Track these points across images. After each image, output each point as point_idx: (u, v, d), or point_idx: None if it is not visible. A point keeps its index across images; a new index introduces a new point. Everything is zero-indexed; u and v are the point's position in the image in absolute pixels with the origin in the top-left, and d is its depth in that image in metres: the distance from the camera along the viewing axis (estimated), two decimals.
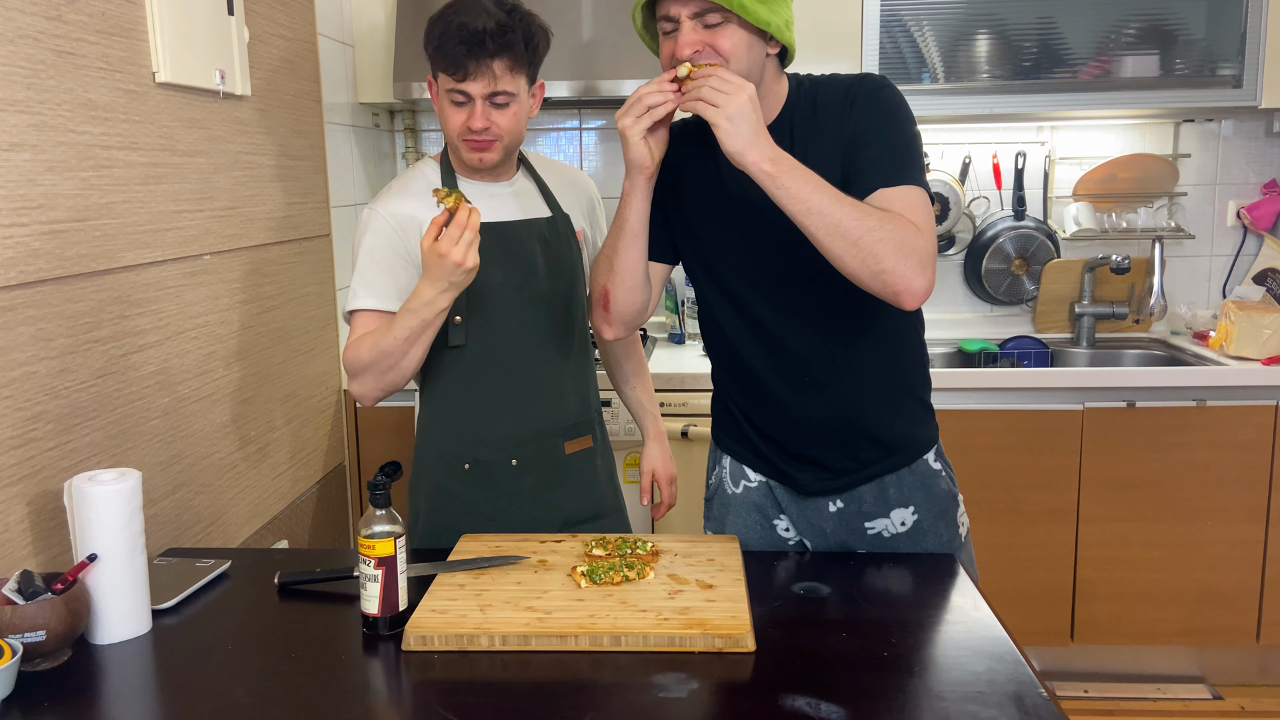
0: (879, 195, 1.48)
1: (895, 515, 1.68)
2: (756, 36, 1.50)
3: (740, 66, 1.48)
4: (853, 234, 1.41)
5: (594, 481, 1.87)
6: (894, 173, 1.50)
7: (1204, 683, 2.88)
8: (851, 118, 1.53)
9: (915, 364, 1.70)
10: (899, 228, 1.43)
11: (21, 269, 1.48)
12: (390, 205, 1.73)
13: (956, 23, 2.89)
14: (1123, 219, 3.23)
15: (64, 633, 1.27)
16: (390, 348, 1.61)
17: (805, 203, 1.40)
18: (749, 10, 1.45)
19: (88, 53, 1.63)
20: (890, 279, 1.43)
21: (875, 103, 1.54)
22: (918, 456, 1.68)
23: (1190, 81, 2.88)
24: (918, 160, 1.54)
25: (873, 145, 1.52)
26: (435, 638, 1.30)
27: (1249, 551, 2.76)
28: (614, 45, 2.79)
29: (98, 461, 1.65)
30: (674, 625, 1.31)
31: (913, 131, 1.55)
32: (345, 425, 2.76)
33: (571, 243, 1.82)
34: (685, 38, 1.47)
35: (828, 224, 1.40)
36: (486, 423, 1.77)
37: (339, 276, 2.70)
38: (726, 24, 1.47)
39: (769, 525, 1.75)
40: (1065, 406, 2.71)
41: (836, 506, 1.69)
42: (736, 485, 1.77)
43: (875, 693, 1.19)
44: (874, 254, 1.41)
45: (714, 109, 1.38)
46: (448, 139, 1.73)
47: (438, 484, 1.79)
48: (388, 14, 2.89)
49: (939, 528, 1.70)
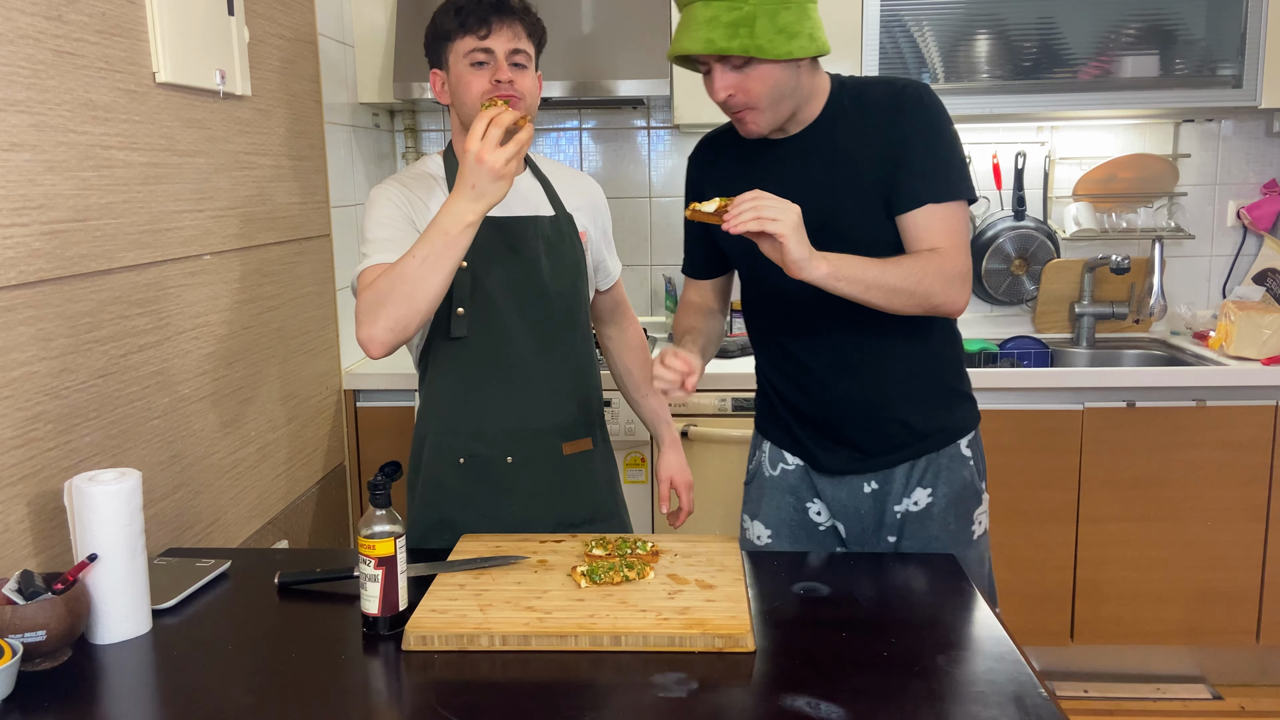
0: (925, 211, 1.61)
1: (915, 494, 1.75)
2: (784, 65, 1.58)
3: (771, 99, 1.59)
4: (905, 289, 1.56)
5: (592, 484, 1.85)
6: (940, 188, 1.61)
7: (1204, 683, 2.88)
8: (899, 125, 1.62)
9: (948, 352, 1.78)
10: (940, 262, 1.58)
11: (22, 269, 1.48)
12: (394, 183, 1.74)
13: (956, 23, 2.89)
14: (1123, 219, 3.23)
15: (64, 633, 1.27)
16: (408, 270, 1.49)
17: (863, 283, 1.53)
18: (766, 50, 1.53)
19: (88, 53, 1.63)
20: (939, 307, 1.60)
21: (923, 114, 1.63)
22: (950, 442, 1.75)
23: (1190, 81, 2.88)
24: (961, 170, 1.65)
25: (920, 160, 1.61)
26: (435, 638, 1.31)
27: (1249, 551, 2.76)
28: (614, 45, 2.79)
29: (98, 461, 1.65)
30: (674, 625, 1.31)
31: (956, 142, 1.65)
32: (345, 425, 2.76)
33: (575, 243, 1.81)
34: (719, 82, 1.60)
35: (885, 293, 1.55)
36: (483, 417, 1.76)
37: (339, 276, 2.70)
38: (752, 64, 1.56)
39: (802, 509, 1.82)
40: (1065, 406, 2.71)
41: (871, 488, 1.77)
42: (774, 468, 1.85)
43: (875, 693, 1.19)
44: (925, 295, 1.58)
45: (775, 223, 1.45)
46: (467, 110, 1.69)
47: (433, 477, 1.79)
48: (388, 14, 2.89)
49: (949, 515, 1.74)
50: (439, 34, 1.72)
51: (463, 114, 1.72)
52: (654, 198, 3.34)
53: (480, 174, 1.45)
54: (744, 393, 2.71)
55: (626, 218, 3.35)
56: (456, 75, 1.70)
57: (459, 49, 1.69)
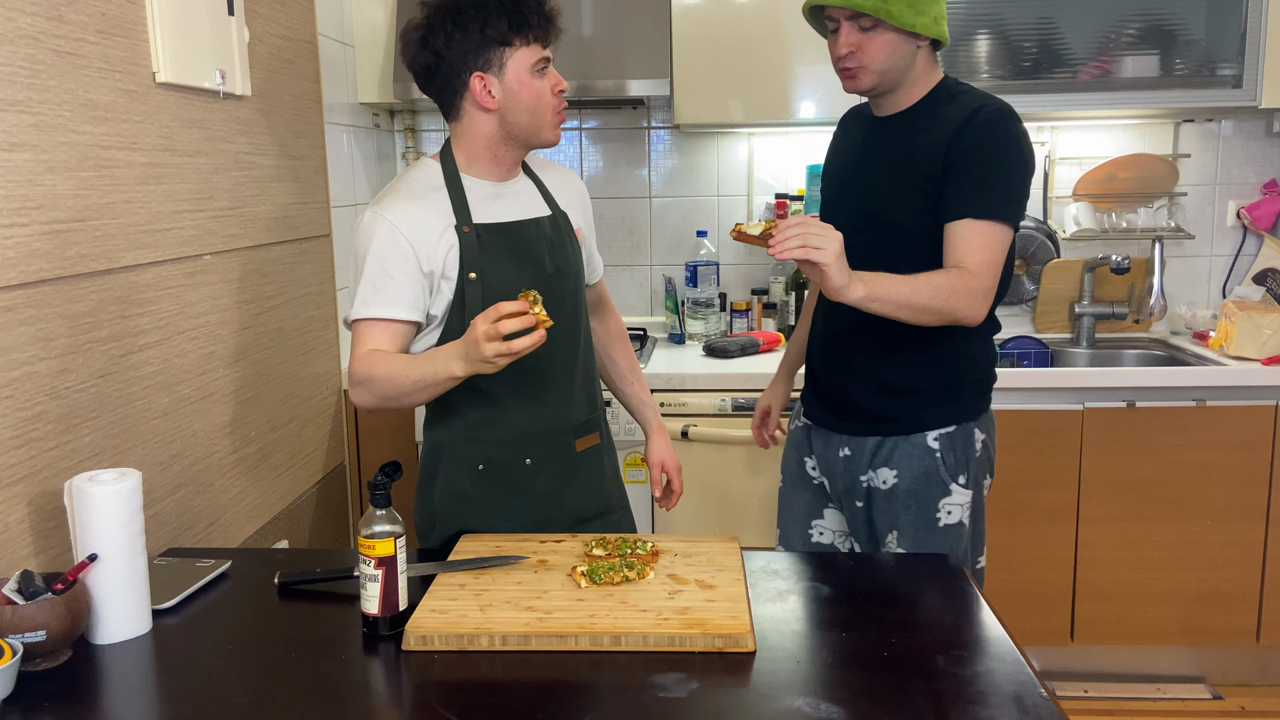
0: (964, 225, 1.72)
1: (881, 473, 1.90)
2: (906, 36, 1.75)
3: (884, 65, 1.77)
4: (933, 308, 1.67)
5: (601, 479, 1.86)
6: (980, 206, 1.72)
7: (1204, 683, 2.88)
8: (961, 138, 1.74)
9: (963, 349, 1.87)
10: (966, 279, 1.69)
11: (22, 269, 1.48)
12: (398, 209, 1.65)
13: (956, 23, 2.89)
14: (1123, 219, 3.23)
15: (64, 633, 1.27)
16: (402, 383, 1.58)
17: (894, 304, 1.65)
18: (895, 16, 1.71)
19: (88, 53, 1.63)
20: (961, 321, 1.71)
21: (986, 134, 1.73)
22: (915, 431, 1.87)
23: (1190, 81, 2.88)
24: (1009, 195, 1.74)
25: (968, 175, 1.73)
26: (435, 638, 1.31)
27: (1249, 551, 2.76)
28: (614, 45, 2.80)
29: (98, 461, 1.65)
30: (674, 625, 1.31)
31: (1013, 169, 1.75)
32: (345, 425, 2.76)
33: (572, 240, 1.81)
34: (843, 39, 1.77)
35: (913, 311, 1.66)
36: (502, 423, 1.74)
37: (339, 276, 2.70)
38: (878, 28, 1.74)
39: (801, 463, 2.07)
40: (1065, 406, 2.71)
41: (845, 453, 1.95)
42: (795, 422, 2.11)
43: (875, 693, 1.20)
44: (951, 311, 1.69)
45: (819, 251, 1.55)
46: (534, 117, 1.68)
47: (453, 487, 1.76)
48: (388, 14, 2.89)
49: (910, 500, 1.88)
50: (493, 36, 1.63)
51: (523, 120, 1.68)
52: (654, 198, 3.34)
53: (475, 350, 1.47)
54: (744, 393, 2.71)
55: (626, 218, 3.35)
56: (522, 84, 1.65)
57: (524, 58, 1.65)
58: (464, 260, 1.66)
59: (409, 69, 1.72)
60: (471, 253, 1.67)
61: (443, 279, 1.66)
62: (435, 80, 1.68)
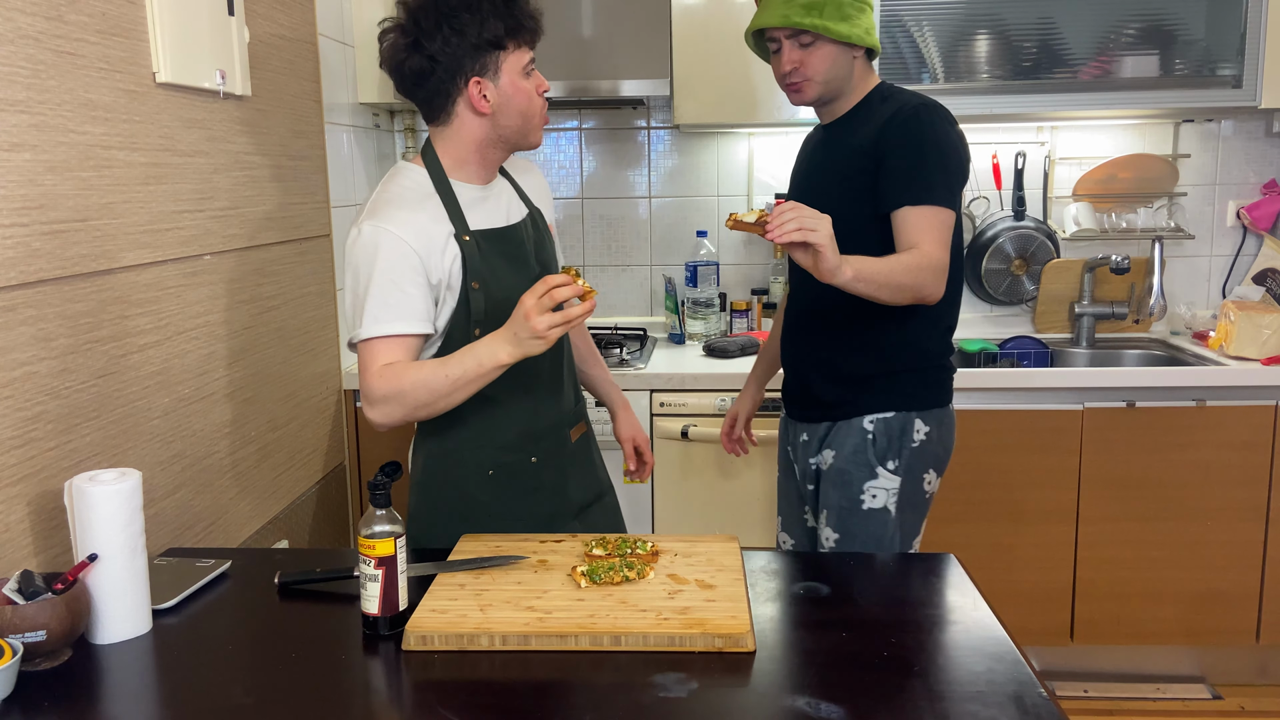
0: (903, 213, 1.84)
1: (825, 454, 2.02)
2: (843, 48, 1.91)
3: (826, 76, 1.92)
4: (907, 284, 1.77)
5: (592, 465, 1.92)
6: (914, 193, 1.83)
7: (1204, 683, 2.88)
8: (886, 133, 1.87)
9: (901, 341, 1.96)
10: (924, 258, 1.79)
11: (22, 269, 1.48)
12: (400, 220, 1.61)
13: (956, 23, 2.89)
14: (1123, 219, 3.23)
15: (64, 633, 1.27)
16: (438, 385, 1.55)
17: (876, 283, 1.73)
18: (832, 30, 1.87)
19: (88, 53, 1.63)
20: (926, 296, 1.81)
21: (910, 126, 1.86)
22: (856, 415, 1.97)
23: (1190, 81, 2.88)
24: (941, 180, 1.85)
25: (896, 165, 1.85)
26: (435, 638, 1.31)
27: (1249, 551, 2.76)
28: (614, 45, 2.80)
29: (98, 461, 1.65)
30: (674, 625, 1.31)
31: (942, 156, 1.86)
32: (345, 425, 2.76)
33: (548, 236, 1.86)
34: (787, 57, 1.92)
35: (891, 290, 1.75)
36: (508, 426, 1.75)
37: (339, 277, 2.69)
38: (817, 43, 1.90)
39: (786, 449, 2.20)
40: (1065, 406, 2.71)
41: (803, 439, 2.08)
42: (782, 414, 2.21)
43: (875, 693, 1.20)
44: (919, 287, 1.79)
45: (814, 233, 1.61)
46: (525, 121, 1.68)
47: (464, 492, 1.75)
48: (388, 14, 2.88)
49: (838, 480, 1.98)
50: (488, 41, 1.61)
51: (515, 124, 1.68)
52: (654, 198, 3.34)
53: (525, 329, 1.49)
54: None
55: (626, 218, 3.35)
56: (515, 87, 1.65)
57: (515, 61, 1.64)
58: (467, 269, 1.65)
59: (394, 72, 1.68)
60: (474, 261, 1.66)
61: (446, 290, 1.65)
62: (427, 84, 1.65)
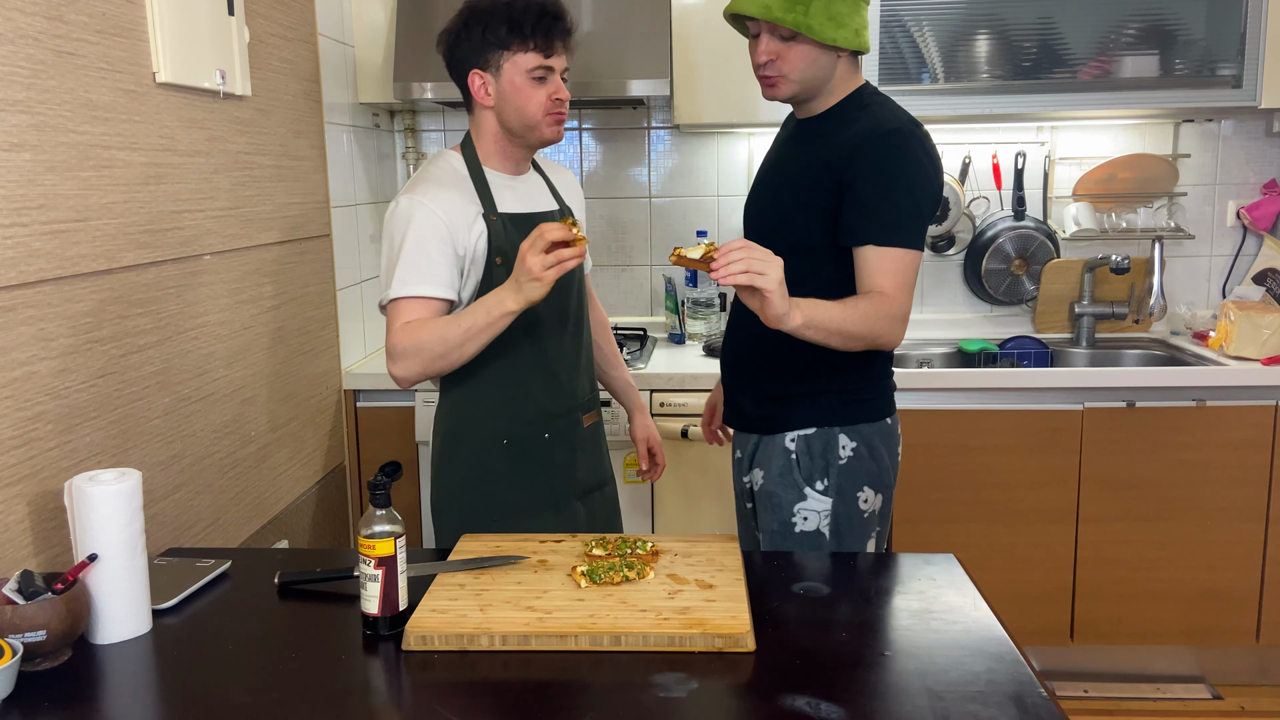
0: (869, 251, 1.71)
1: (755, 474, 1.92)
2: (826, 49, 1.75)
3: (803, 75, 1.76)
4: (860, 334, 1.67)
5: (600, 453, 2.03)
6: (883, 232, 1.70)
7: (1204, 683, 2.88)
8: (855, 159, 1.72)
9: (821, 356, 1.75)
10: (886, 304, 1.69)
11: (22, 269, 1.48)
12: (435, 195, 1.76)
13: (956, 23, 2.89)
14: (1123, 219, 3.23)
15: (64, 633, 1.27)
16: (452, 336, 1.68)
17: (826, 330, 1.63)
18: (815, 30, 1.71)
19: (88, 53, 1.63)
20: (883, 344, 1.72)
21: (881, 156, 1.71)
22: (779, 430, 1.87)
23: (1190, 81, 2.88)
24: (909, 220, 1.72)
25: (864, 198, 1.71)
26: (435, 638, 1.31)
27: (1249, 551, 2.76)
28: (614, 45, 2.79)
29: (98, 461, 1.65)
30: (674, 625, 1.31)
31: (910, 193, 1.72)
32: (345, 425, 2.76)
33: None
34: (763, 47, 1.77)
35: (843, 338, 1.66)
36: (526, 401, 1.87)
37: (339, 276, 2.70)
38: (797, 39, 1.74)
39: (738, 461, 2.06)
40: (1065, 406, 2.71)
41: (737, 455, 2.00)
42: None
43: (875, 693, 1.20)
44: (875, 336, 1.69)
45: (762, 277, 1.52)
46: (523, 119, 1.79)
47: (478, 459, 1.87)
48: (388, 14, 2.89)
49: (768, 503, 1.88)
50: (492, 40, 1.76)
51: (513, 120, 1.80)
52: (654, 198, 3.34)
53: (523, 273, 1.59)
54: None
55: (626, 218, 3.35)
56: (516, 87, 1.78)
57: (521, 62, 1.77)
58: (491, 246, 1.79)
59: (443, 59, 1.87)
60: (498, 239, 1.79)
61: (471, 264, 1.79)
62: (451, 73, 1.84)
